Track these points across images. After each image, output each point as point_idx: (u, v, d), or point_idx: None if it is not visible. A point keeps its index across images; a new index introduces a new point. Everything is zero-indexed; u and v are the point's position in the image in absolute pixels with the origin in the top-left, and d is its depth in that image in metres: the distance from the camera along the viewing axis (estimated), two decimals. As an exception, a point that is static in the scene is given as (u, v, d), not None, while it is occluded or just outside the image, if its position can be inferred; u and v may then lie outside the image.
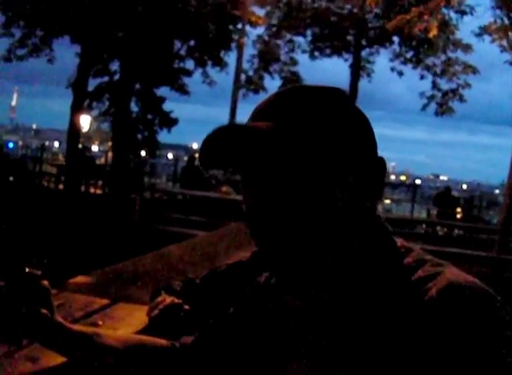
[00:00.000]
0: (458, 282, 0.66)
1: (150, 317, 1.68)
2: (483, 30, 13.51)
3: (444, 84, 16.48)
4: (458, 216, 16.19)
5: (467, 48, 15.51)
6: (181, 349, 0.96)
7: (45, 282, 0.93)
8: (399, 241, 0.76)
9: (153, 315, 1.67)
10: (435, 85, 16.57)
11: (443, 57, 16.15)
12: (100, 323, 1.62)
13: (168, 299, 1.72)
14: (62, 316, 1.71)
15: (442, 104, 16.33)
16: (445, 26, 14.31)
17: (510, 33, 12.56)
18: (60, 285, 2.51)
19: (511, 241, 11.31)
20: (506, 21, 12.49)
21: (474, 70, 15.75)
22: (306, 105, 0.71)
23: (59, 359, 1.17)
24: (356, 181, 0.71)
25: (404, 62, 17.07)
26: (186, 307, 1.71)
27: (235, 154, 0.71)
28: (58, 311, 1.78)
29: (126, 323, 1.66)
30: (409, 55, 16.97)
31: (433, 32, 13.20)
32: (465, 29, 15.48)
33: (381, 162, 0.74)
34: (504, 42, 12.75)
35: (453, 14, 14.67)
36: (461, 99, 16.16)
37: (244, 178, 0.74)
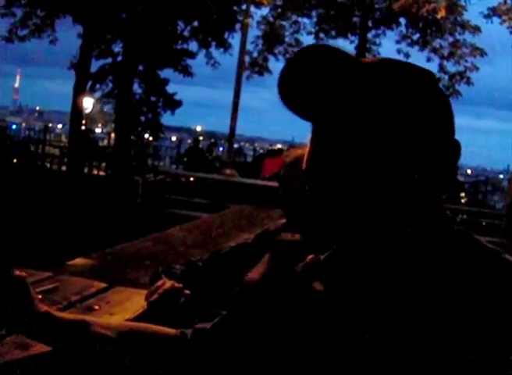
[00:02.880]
0: None
1: (148, 302, 1.61)
2: (492, 12, 13.28)
3: (451, 67, 16.27)
4: (463, 200, 16.11)
5: (475, 29, 15.24)
6: (194, 337, 0.88)
7: (20, 272, 0.86)
8: (460, 230, 0.75)
9: (151, 299, 1.60)
10: (441, 68, 16.33)
11: (451, 39, 15.89)
12: (96, 307, 1.55)
13: (168, 283, 1.65)
14: (57, 299, 1.64)
15: (449, 87, 16.10)
16: (453, 7, 14.07)
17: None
18: (59, 267, 2.45)
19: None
20: (516, 2, 12.27)
21: (482, 53, 15.50)
22: (398, 75, 0.70)
23: (51, 346, 1.09)
24: (430, 158, 0.68)
25: (411, 44, 16.82)
26: (187, 292, 1.64)
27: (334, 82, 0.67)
28: (52, 294, 1.71)
29: (124, 308, 1.59)
30: (416, 37, 16.71)
31: (441, 13, 13.01)
32: (473, 10, 15.17)
33: (456, 145, 0.72)
34: (513, 24, 12.54)
35: (461, -5, 14.40)
36: (468, 82, 15.93)
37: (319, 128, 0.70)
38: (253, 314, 0.83)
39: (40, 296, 1.67)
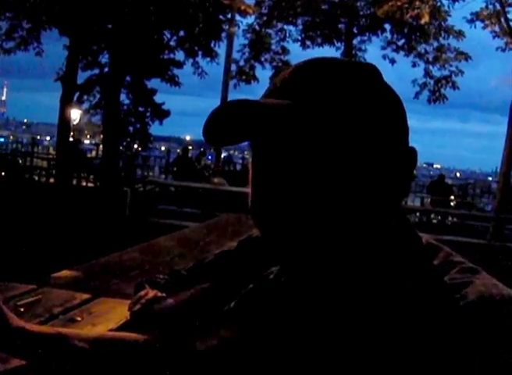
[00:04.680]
0: (490, 295, 0.58)
1: (131, 312, 1.60)
2: (475, 16, 13.44)
3: (436, 71, 16.44)
4: (452, 203, 16.21)
5: (459, 34, 15.42)
6: (171, 345, 0.88)
7: None
8: (424, 238, 0.67)
9: (134, 309, 1.59)
10: (427, 72, 16.50)
11: (435, 44, 16.06)
12: (78, 318, 1.54)
13: (152, 293, 1.64)
14: (39, 312, 1.63)
15: (435, 91, 16.26)
16: (437, 12, 14.22)
17: (502, 19, 12.50)
18: (44, 279, 2.43)
19: (505, 227, 11.33)
20: (498, 6, 12.42)
21: (467, 57, 15.68)
22: (329, 80, 0.62)
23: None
24: (381, 171, 0.62)
25: (396, 50, 16.98)
26: (170, 301, 1.63)
27: (245, 132, 0.62)
28: (35, 307, 1.70)
29: (107, 319, 1.58)
30: (401, 42, 16.87)
31: (425, 18, 13.14)
32: (456, 15, 15.37)
33: (411, 153, 0.65)
34: (496, 28, 12.69)
35: (444, 0, 14.60)
36: (454, 86, 16.09)
37: (254, 155, 0.66)
38: (229, 321, 0.83)
39: (22, 309, 1.66)
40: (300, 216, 0.61)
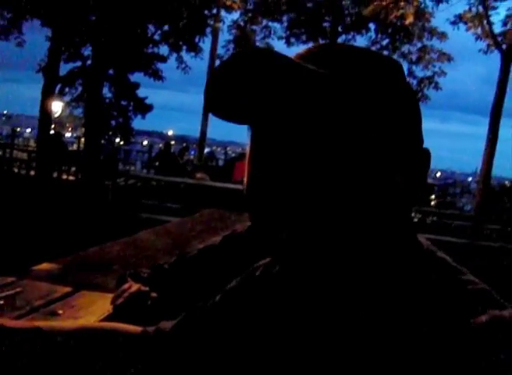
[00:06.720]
0: (502, 316, 0.56)
1: (114, 305, 1.59)
2: (458, 18, 13.59)
3: (419, 72, 16.61)
4: (432, 203, 16.38)
5: (442, 35, 15.59)
6: (157, 336, 0.87)
7: None
8: (425, 244, 0.65)
9: (117, 303, 1.58)
10: (410, 72, 16.64)
11: (419, 44, 16.23)
12: (60, 312, 1.52)
13: (135, 286, 1.63)
14: (20, 305, 1.61)
15: (418, 91, 16.40)
16: (421, 13, 14.35)
17: (484, 22, 12.65)
18: (23, 272, 2.39)
19: (484, 227, 11.49)
20: (481, 9, 12.57)
21: (449, 58, 15.86)
22: (363, 64, 0.59)
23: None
24: (397, 171, 0.58)
25: (380, 50, 17.07)
26: (154, 295, 1.63)
27: (273, 92, 0.56)
28: (15, 300, 1.67)
29: (89, 312, 1.56)
30: (385, 42, 17.01)
31: (409, 19, 13.25)
32: (440, 17, 15.54)
33: (425, 155, 0.62)
34: (479, 30, 12.85)
35: (428, 1, 14.73)
36: (437, 87, 16.28)
37: (261, 127, 0.61)
38: (214, 314, 0.82)
39: (2, 301, 1.63)
40: (306, 195, 0.57)
